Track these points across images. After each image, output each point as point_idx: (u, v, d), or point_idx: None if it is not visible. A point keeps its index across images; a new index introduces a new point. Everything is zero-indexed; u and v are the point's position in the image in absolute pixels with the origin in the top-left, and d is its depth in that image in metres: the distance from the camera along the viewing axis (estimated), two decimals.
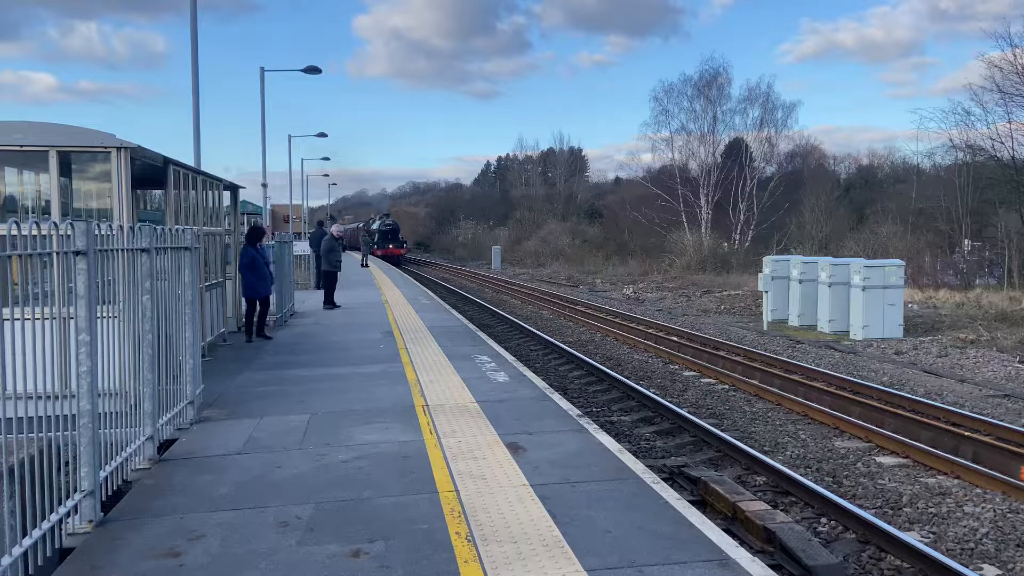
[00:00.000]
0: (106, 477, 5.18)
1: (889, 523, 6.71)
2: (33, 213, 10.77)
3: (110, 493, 5.24)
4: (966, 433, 9.23)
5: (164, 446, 6.54)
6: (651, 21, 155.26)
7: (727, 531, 5.59)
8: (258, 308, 13.25)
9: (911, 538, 6.28)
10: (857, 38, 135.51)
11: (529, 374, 9.85)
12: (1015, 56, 32.60)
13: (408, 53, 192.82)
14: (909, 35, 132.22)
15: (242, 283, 13.23)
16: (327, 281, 19.13)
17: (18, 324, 4.23)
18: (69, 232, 4.64)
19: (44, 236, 4.38)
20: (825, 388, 12.09)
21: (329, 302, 18.71)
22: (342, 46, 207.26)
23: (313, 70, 26.99)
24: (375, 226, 58.18)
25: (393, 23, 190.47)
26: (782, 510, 7.06)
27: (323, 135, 43.14)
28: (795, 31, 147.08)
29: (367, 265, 39.71)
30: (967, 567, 5.86)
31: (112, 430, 5.40)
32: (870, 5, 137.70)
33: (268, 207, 29.18)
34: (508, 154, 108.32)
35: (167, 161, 9.97)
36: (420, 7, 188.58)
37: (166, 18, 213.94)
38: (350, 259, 39.96)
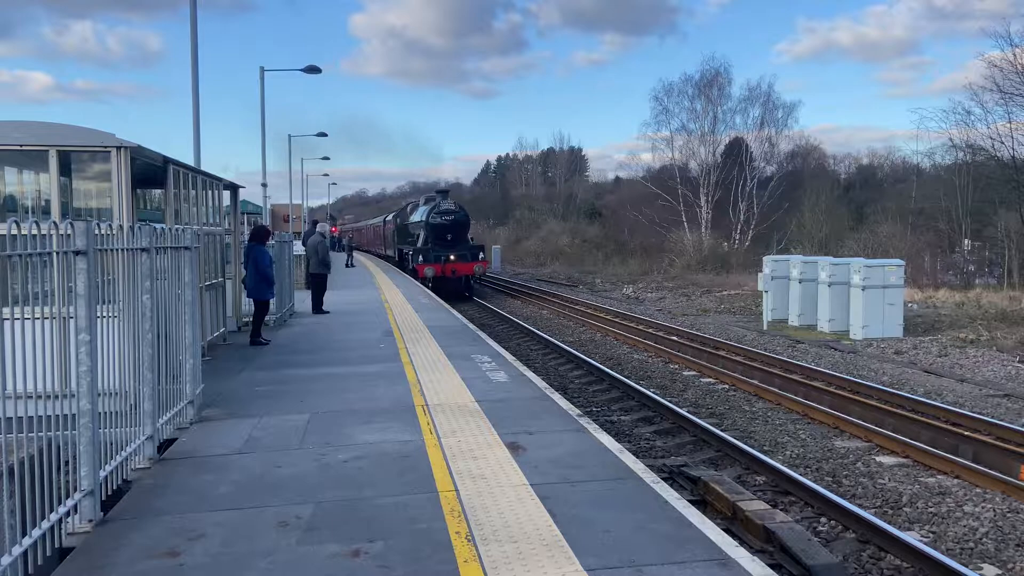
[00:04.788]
0: (106, 477, 5.17)
1: (889, 523, 6.72)
2: (33, 213, 10.77)
3: (110, 493, 5.23)
4: (966, 433, 9.23)
5: (164, 446, 6.53)
6: (647, 20, 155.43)
7: (727, 531, 5.58)
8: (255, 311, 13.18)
9: (911, 538, 6.29)
10: (854, 37, 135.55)
11: (529, 374, 9.85)
12: (1015, 56, 32.63)
13: (405, 52, 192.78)
14: (906, 34, 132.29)
15: (255, 283, 12.96)
16: (314, 284, 17.96)
17: (18, 324, 4.23)
18: (69, 232, 4.63)
19: (44, 236, 4.37)
20: (825, 388, 12.09)
21: (318, 307, 17.52)
22: (339, 45, 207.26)
23: (313, 70, 26.94)
24: (417, 216, 31.74)
25: (389, 21, 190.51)
26: (782, 510, 7.07)
27: (323, 135, 42.95)
28: (791, 30, 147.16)
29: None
30: (967, 567, 5.86)
31: (112, 429, 5.39)
32: (866, 4, 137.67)
33: (268, 207, 29.12)
34: (508, 153, 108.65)
35: (167, 160, 9.96)
36: (416, 5, 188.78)
37: (161, 16, 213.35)
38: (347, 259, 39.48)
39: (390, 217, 45.20)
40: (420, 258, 27.95)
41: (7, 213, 10.27)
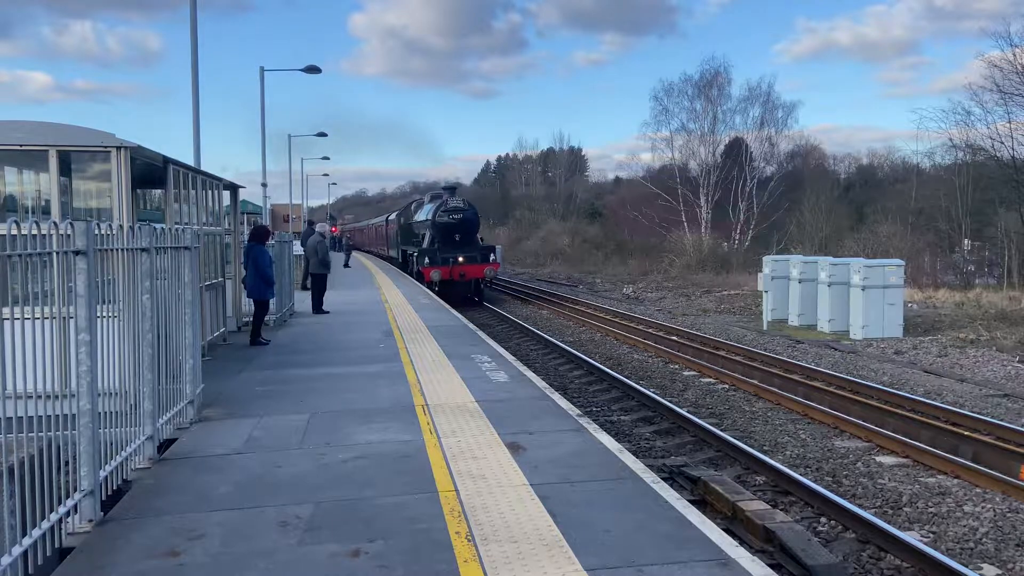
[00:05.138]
0: (106, 477, 5.17)
1: (889, 523, 6.72)
2: (33, 213, 10.77)
3: (110, 492, 5.24)
4: (966, 433, 9.23)
5: (164, 446, 6.53)
6: (646, 20, 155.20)
7: (727, 531, 5.59)
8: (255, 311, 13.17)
9: (911, 538, 6.29)
10: (853, 37, 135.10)
11: (529, 374, 9.85)
12: (1015, 56, 32.68)
13: (404, 52, 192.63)
14: (906, 34, 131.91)
15: (255, 283, 13.00)
16: (314, 283, 17.99)
17: (18, 324, 4.23)
18: (69, 232, 4.63)
19: (44, 236, 4.37)
20: (825, 388, 12.09)
21: (318, 307, 17.48)
22: (338, 45, 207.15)
23: (313, 70, 26.95)
24: (422, 215, 29.33)
25: (388, 21, 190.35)
26: (782, 510, 7.07)
27: (323, 135, 42.95)
28: (791, 30, 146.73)
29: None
30: (967, 567, 5.87)
31: (112, 429, 5.39)
32: (866, 3, 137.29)
33: (268, 207, 29.13)
34: (508, 154, 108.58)
35: (167, 161, 9.96)
36: (415, 5, 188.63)
37: (160, 16, 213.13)
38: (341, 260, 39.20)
39: (393, 216, 41.96)
40: (426, 260, 25.71)
41: (7, 213, 10.28)
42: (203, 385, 7.95)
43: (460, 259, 25.66)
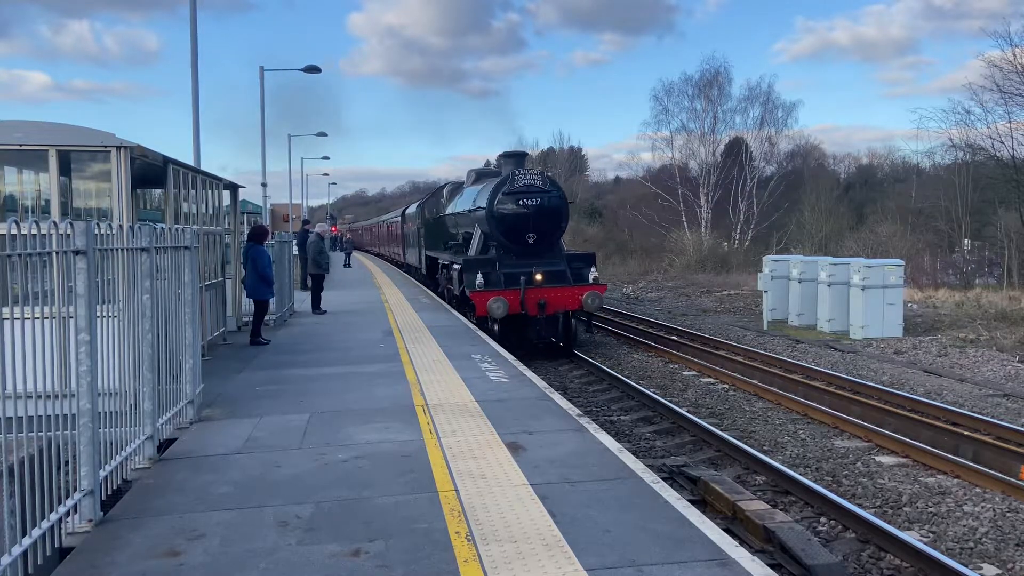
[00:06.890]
0: (106, 476, 5.17)
1: (889, 522, 6.72)
2: (33, 212, 10.77)
3: (110, 492, 5.24)
4: (966, 432, 9.24)
5: (164, 445, 6.53)
6: (645, 19, 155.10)
7: (727, 530, 5.59)
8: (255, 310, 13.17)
9: (911, 537, 6.29)
10: (852, 37, 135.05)
11: (529, 373, 9.84)
12: (1015, 55, 32.66)
13: (403, 51, 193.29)
14: (905, 34, 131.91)
15: (254, 283, 12.98)
16: (313, 284, 18.12)
17: (18, 324, 4.23)
18: (69, 231, 4.63)
19: (44, 235, 4.38)
20: (825, 387, 12.09)
21: (317, 307, 17.55)
22: (337, 44, 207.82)
23: (313, 69, 26.93)
24: (465, 203, 17.76)
25: (387, 20, 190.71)
26: (782, 509, 7.07)
27: (323, 134, 42.99)
28: (790, 30, 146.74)
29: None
30: (967, 566, 5.87)
31: (112, 429, 5.39)
32: (864, 3, 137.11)
33: (268, 206, 29.14)
34: None
35: (167, 160, 9.96)
36: (414, 5, 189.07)
37: (158, 15, 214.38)
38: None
39: (411, 209, 29.88)
40: (477, 278, 14.79)
41: (7, 213, 10.27)
42: (203, 385, 7.95)
43: (538, 276, 15.01)
